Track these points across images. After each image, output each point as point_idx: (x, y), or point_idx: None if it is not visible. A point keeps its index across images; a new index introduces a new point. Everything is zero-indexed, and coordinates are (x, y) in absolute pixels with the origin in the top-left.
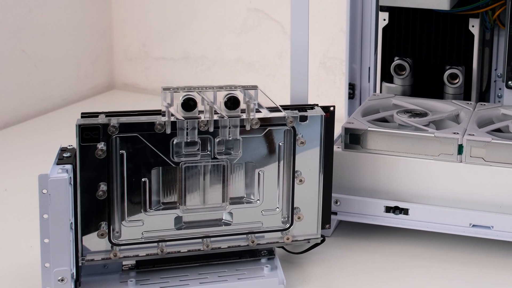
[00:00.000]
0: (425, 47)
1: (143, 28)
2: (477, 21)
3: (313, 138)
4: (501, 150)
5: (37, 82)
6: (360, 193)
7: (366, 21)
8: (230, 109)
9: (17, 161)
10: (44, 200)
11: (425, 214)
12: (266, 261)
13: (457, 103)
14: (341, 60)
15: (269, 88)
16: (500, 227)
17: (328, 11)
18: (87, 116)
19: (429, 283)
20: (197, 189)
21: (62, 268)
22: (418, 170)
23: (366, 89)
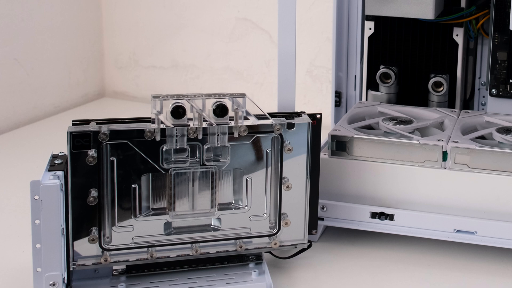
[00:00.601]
0: (410, 55)
1: (133, 37)
2: (461, 30)
3: (300, 145)
4: (484, 157)
5: (29, 90)
6: (346, 199)
7: (352, 30)
8: (219, 116)
9: (9, 167)
10: (36, 206)
11: (410, 219)
12: (254, 266)
13: (441, 111)
14: (327, 69)
15: (257, 96)
16: (483, 233)
17: (315, 20)
18: (78, 123)
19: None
20: (186, 195)
21: (54, 272)
22: (403, 177)
23: (352, 97)
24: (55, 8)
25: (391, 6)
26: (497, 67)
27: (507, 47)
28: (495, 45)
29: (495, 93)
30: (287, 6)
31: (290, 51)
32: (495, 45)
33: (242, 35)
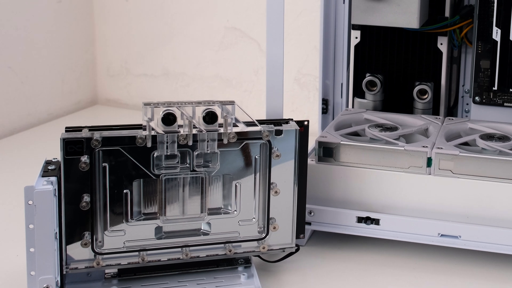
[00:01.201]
0: (395, 64)
1: (125, 46)
2: (445, 39)
3: (288, 151)
4: (468, 163)
5: (23, 97)
6: (333, 204)
7: (338, 39)
8: (208, 123)
9: (4, 173)
10: (29, 211)
11: (395, 224)
12: (243, 270)
13: (426, 118)
14: (314, 77)
15: (245, 103)
16: (467, 237)
17: (302, 30)
18: (71, 130)
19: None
20: (177, 200)
21: (47, 276)
22: (389, 182)
23: (338, 104)
24: (49, 18)
25: (376, 16)
26: (480, 75)
27: (490, 56)
28: (478, 53)
29: (479, 101)
30: (275, 16)
31: (278, 59)
32: (478, 54)
33: (231, 44)
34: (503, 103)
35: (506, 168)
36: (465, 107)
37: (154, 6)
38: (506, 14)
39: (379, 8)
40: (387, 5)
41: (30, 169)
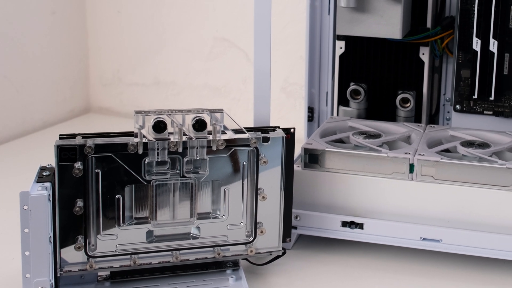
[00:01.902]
0: (378, 73)
1: (117, 56)
2: (427, 49)
3: (274, 157)
4: (449, 169)
5: (18, 106)
6: (318, 209)
7: (324, 49)
8: (198, 131)
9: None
10: (25, 216)
11: (378, 228)
12: (231, 272)
13: (408, 125)
14: (300, 85)
15: (234, 111)
16: (448, 241)
17: (289, 40)
18: (65, 137)
19: None
20: (167, 205)
21: (42, 278)
22: (372, 188)
23: (324, 112)
24: (44, 29)
25: (360, 27)
26: (461, 84)
27: (471, 65)
28: (459, 63)
29: (459, 109)
30: (263, 27)
31: (265, 69)
32: (459, 64)
33: (220, 53)
34: (483, 111)
35: (486, 174)
36: (446, 115)
37: (145, 17)
38: (485, 25)
39: (363, 19)
40: (370, 16)
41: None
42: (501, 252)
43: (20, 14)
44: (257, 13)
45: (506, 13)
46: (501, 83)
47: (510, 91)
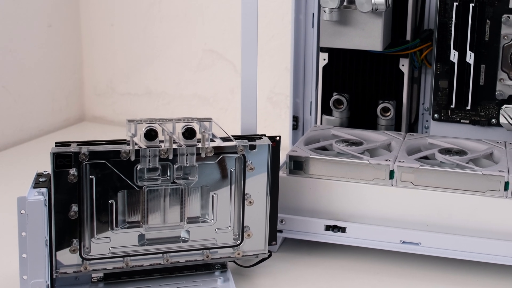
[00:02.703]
0: (360, 83)
1: (110, 67)
2: (406, 61)
3: (261, 164)
4: (427, 175)
5: (16, 114)
6: (302, 213)
7: (308, 61)
8: (188, 139)
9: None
10: (22, 220)
11: (360, 232)
12: (219, 274)
13: (389, 134)
14: (286, 95)
15: (222, 120)
16: (427, 244)
17: (274, 52)
18: (60, 145)
19: None
20: (158, 210)
21: (38, 280)
22: (354, 193)
23: (308, 121)
24: (40, 41)
25: (343, 39)
26: (439, 94)
27: (448, 76)
28: (437, 74)
29: (437, 118)
30: (250, 39)
31: (252, 79)
32: (437, 74)
33: (208, 65)
34: (460, 120)
35: (463, 180)
36: (425, 124)
37: (137, 30)
38: (462, 37)
39: (345, 32)
40: (352, 29)
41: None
42: (477, 255)
43: (18, 27)
44: (244, 26)
45: (482, 26)
46: (477, 93)
47: (486, 101)
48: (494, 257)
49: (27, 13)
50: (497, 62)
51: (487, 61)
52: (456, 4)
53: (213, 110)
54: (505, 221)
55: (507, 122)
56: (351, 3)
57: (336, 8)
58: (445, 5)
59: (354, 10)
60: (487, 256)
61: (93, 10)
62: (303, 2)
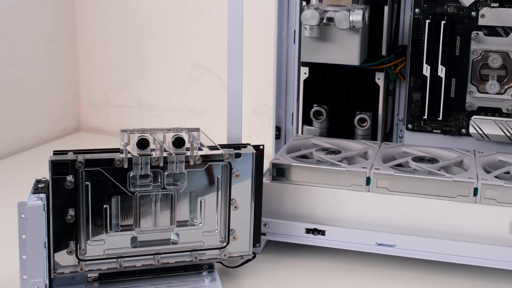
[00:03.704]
0: (338, 96)
1: (105, 80)
2: (382, 75)
3: (246, 171)
4: (402, 181)
5: (16, 125)
6: (285, 217)
7: (290, 74)
8: (177, 147)
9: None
10: (22, 223)
11: (339, 234)
12: (206, 274)
13: (365, 143)
14: (269, 107)
15: (209, 130)
16: (401, 246)
17: (258, 66)
18: (58, 153)
19: None
20: (150, 214)
21: (37, 279)
22: (333, 198)
23: (290, 131)
24: (39, 56)
25: (322, 54)
26: (412, 105)
27: (421, 89)
28: (410, 87)
29: (411, 128)
30: (235, 54)
31: (237, 92)
32: (410, 87)
33: (196, 78)
34: (432, 130)
35: (435, 187)
36: (399, 133)
37: (130, 46)
38: (434, 53)
39: (324, 47)
40: (331, 45)
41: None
42: (448, 256)
43: (18, 43)
44: (230, 42)
45: (452, 42)
46: (448, 105)
47: (456, 112)
48: (464, 259)
49: (27, 29)
50: (467, 76)
51: (458, 75)
52: (428, 21)
53: (201, 120)
54: (474, 225)
55: (476, 132)
56: (330, 20)
57: (316, 25)
58: (418, 22)
59: (333, 27)
60: (457, 257)
61: (89, 27)
62: (285, 20)
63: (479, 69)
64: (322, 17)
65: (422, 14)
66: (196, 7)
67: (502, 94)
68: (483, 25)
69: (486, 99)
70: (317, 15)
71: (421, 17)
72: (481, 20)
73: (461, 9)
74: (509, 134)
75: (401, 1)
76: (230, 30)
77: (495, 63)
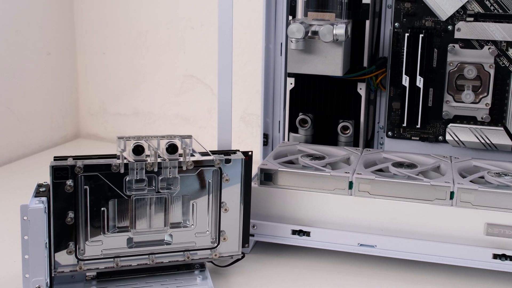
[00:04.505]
0: (323, 105)
1: (102, 90)
2: (363, 85)
3: (235, 176)
4: (382, 186)
5: (19, 132)
6: (272, 219)
7: (277, 85)
8: (170, 153)
9: (3, 194)
10: (24, 225)
11: (323, 236)
12: (198, 273)
13: (348, 149)
14: (257, 115)
15: (201, 137)
16: (382, 246)
17: (247, 77)
18: (58, 159)
19: None
20: (145, 216)
21: (39, 278)
22: (318, 202)
23: (277, 138)
24: (41, 67)
25: (308, 66)
26: (392, 114)
27: (400, 98)
28: (391, 96)
29: (391, 135)
30: (225, 66)
31: (227, 101)
32: (391, 97)
33: (189, 88)
34: (411, 137)
35: (413, 190)
36: (380, 140)
37: (126, 58)
38: (413, 64)
39: (309, 59)
40: (316, 57)
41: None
42: (426, 256)
43: (21, 54)
44: (221, 54)
45: (430, 54)
46: (426, 114)
47: (434, 120)
48: (441, 258)
49: (29, 42)
50: (444, 86)
51: (435, 85)
52: (407, 35)
53: (193, 128)
54: (450, 227)
55: (452, 139)
56: (315, 34)
57: (301, 38)
58: (398, 35)
59: (318, 40)
60: (435, 257)
61: (87, 40)
62: (272, 33)
63: (455, 79)
64: (307, 30)
65: (401, 28)
66: (189, 21)
67: (476, 103)
68: (459, 38)
69: (461, 108)
70: (302, 29)
71: (400, 30)
72: (457, 34)
73: (438, 23)
74: (484, 141)
75: (381, 16)
76: (220, 43)
77: (470, 74)
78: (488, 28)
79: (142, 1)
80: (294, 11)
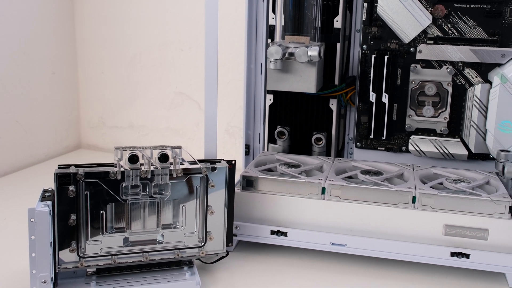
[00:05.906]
0: (298, 118)
1: (101, 105)
2: (335, 101)
3: (220, 182)
4: (352, 191)
5: (26, 143)
6: (253, 221)
7: (257, 101)
8: (162, 162)
9: (12, 199)
10: (31, 226)
11: (299, 236)
12: (187, 269)
13: (321, 158)
14: (240, 128)
15: (189, 148)
16: (351, 245)
17: (231, 94)
18: (62, 167)
19: (302, 284)
20: (139, 218)
21: (44, 273)
22: (294, 205)
23: (257, 148)
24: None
25: (285, 84)
26: (360, 127)
27: (368, 113)
28: (359, 111)
29: (359, 146)
30: (211, 84)
31: (213, 115)
32: (359, 111)
33: (178, 104)
34: (377, 148)
35: (379, 195)
36: (349, 150)
37: (122, 76)
38: (379, 82)
39: (286, 78)
40: (292, 76)
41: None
42: (391, 254)
43: (28, 74)
44: (207, 73)
45: (394, 73)
46: (391, 126)
47: (398, 132)
48: (404, 256)
49: (35, 63)
50: (407, 102)
51: (399, 101)
52: (374, 56)
53: (182, 139)
54: (412, 228)
55: (414, 149)
56: (291, 55)
57: (279, 59)
58: (365, 56)
59: (294, 61)
60: (398, 255)
61: (88, 61)
62: (253, 54)
63: (417, 96)
64: (285, 52)
65: (369, 50)
66: (179, 44)
67: (436, 117)
68: (420, 59)
69: (422, 121)
70: (280, 50)
71: (368, 52)
72: (419, 55)
73: (401, 45)
74: (442, 151)
75: (351, 39)
76: (207, 63)
77: (430, 91)
78: (446, 50)
79: (136, 26)
80: (273, 35)
